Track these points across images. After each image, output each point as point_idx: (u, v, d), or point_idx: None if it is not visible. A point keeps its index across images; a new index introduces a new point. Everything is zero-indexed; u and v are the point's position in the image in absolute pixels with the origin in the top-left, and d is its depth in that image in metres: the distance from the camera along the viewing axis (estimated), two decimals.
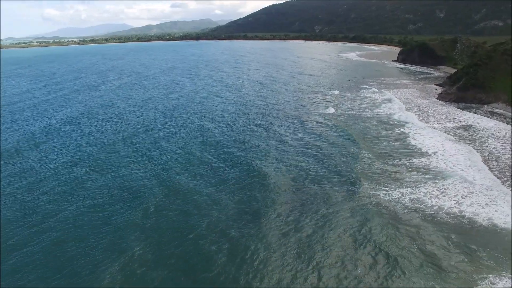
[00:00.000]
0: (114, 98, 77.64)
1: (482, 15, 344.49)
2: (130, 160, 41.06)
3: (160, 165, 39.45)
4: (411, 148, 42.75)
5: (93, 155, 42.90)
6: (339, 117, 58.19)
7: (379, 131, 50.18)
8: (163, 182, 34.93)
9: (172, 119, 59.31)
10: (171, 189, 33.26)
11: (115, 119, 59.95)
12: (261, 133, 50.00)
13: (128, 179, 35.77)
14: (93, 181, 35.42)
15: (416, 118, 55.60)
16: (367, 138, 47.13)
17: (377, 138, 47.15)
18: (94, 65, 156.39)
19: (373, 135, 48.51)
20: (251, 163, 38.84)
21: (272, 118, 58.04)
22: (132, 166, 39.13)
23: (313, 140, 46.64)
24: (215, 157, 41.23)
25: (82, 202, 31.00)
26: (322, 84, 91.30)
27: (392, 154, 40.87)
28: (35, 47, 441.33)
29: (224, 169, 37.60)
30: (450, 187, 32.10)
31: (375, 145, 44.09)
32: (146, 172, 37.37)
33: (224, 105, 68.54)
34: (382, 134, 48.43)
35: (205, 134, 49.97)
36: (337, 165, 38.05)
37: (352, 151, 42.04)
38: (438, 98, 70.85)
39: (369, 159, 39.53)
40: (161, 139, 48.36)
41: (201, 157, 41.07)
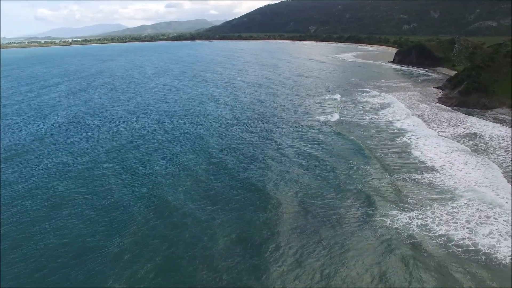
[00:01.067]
0: (102, 104, 72.77)
1: (476, 15, 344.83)
2: (116, 175, 37.12)
3: (146, 181, 35.53)
4: (414, 161, 39.18)
5: (75, 168, 38.80)
6: (340, 124, 54.28)
7: (379, 140, 46.61)
8: (147, 201, 31.08)
9: (163, 126, 55.08)
10: (155, 211, 29.41)
11: (102, 127, 55.48)
12: (259, 143, 46.15)
13: (111, 197, 31.91)
14: (71, 200, 31.49)
15: (418, 125, 52.13)
16: (368, 148, 43.52)
17: (378, 148, 43.58)
18: (83, 67, 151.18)
19: (372, 145, 44.93)
20: (248, 179, 35.05)
21: (270, 125, 54.14)
22: (117, 182, 35.26)
23: (314, 151, 42.85)
24: (207, 172, 37.23)
25: (54, 234, 26.82)
26: (320, 87, 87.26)
27: (394, 169, 37.21)
28: (26, 48, 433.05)
29: (217, 188, 33.64)
30: (462, 210, 28.39)
31: (376, 158, 40.46)
32: (131, 190, 33.52)
33: (218, 111, 64.39)
34: (381, 145, 44.83)
35: (198, 144, 45.85)
36: (340, 182, 34.21)
37: (354, 164, 38.36)
38: (438, 102, 67.57)
39: (370, 175, 35.88)
40: (150, 150, 44.24)
41: (192, 173, 37.03)
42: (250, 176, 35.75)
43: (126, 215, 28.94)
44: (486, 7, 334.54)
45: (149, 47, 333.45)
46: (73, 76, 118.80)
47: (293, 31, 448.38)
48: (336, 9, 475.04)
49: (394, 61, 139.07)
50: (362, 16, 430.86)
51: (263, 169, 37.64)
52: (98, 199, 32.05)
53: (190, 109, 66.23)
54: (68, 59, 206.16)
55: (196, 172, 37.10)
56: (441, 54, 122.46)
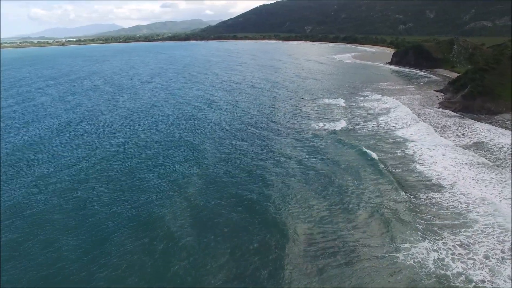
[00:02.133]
0: (90, 110, 66.95)
1: (471, 15, 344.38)
2: (97, 191, 33.02)
3: (129, 197, 31.50)
4: (420, 177, 35.32)
5: (56, 185, 34.52)
6: (345, 132, 50.06)
7: (382, 150, 42.73)
8: (128, 221, 27.17)
9: (154, 134, 50.37)
10: (136, 233, 25.74)
11: (88, 135, 50.56)
12: (257, 155, 41.88)
13: (89, 217, 27.90)
14: (50, 220, 27.36)
15: (421, 133, 48.33)
16: (374, 160, 39.62)
17: (382, 160, 39.66)
18: (73, 69, 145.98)
19: (378, 156, 41.00)
20: (246, 198, 31.04)
21: (270, 134, 49.74)
22: (97, 200, 31.21)
23: (319, 163, 38.76)
24: (199, 189, 32.96)
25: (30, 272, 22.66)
26: (319, 91, 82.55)
27: (398, 187, 33.30)
28: (18, 48, 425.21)
29: (211, 208, 29.48)
30: (479, 240, 24.50)
31: (381, 172, 36.56)
32: (112, 208, 29.57)
33: (213, 117, 59.40)
34: (385, 157, 40.94)
35: (193, 160, 40.94)
36: (348, 203, 30.23)
37: (362, 180, 34.52)
38: (440, 106, 63.95)
39: (377, 194, 31.98)
40: (138, 162, 39.92)
41: (182, 190, 32.79)
42: (248, 195, 31.68)
43: (105, 239, 25.12)
44: (481, 8, 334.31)
45: (143, 47, 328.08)
46: (62, 79, 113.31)
47: (288, 31, 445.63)
48: (331, 9, 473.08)
49: (392, 62, 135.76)
50: (358, 16, 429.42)
51: (263, 186, 33.61)
52: (77, 216, 28.42)
53: (182, 116, 61.20)
54: (60, 60, 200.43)
55: (187, 189, 32.92)
56: (440, 55, 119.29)
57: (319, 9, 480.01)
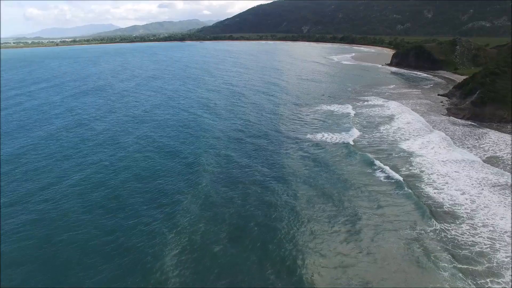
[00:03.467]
0: (68, 125, 57.73)
1: (469, 15, 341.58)
2: (78, 215, 28.34)
3: (114, 229, 26.70)
4: (428, 201, 30.24)
5: (29, 214, 29.41)
6: (359, 145, 45.32)
7: (381, 166, 37.71)
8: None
9: (142, 148, 44.55)
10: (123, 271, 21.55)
11: (67, 152, 44.35)
12: (264, 172, 36.66)
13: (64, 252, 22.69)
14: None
15: (429, 146, 43.25)
16: (381, 179, 34.62)
17: (374, 186, 34.66)
18: (55, 74, 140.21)
19: (363, 182, 36.03)
20: (251, 235, 26.06)
21: (277, 147, 44.24)
22: (81, 227, 26.89)
23: (331, 184, 33.98)
24: (198, 229, 27.27)
25: None
26: (320, 95, 76.72)
27: (402, 219, 28.22)
28: (11, 48, 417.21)
29: (209, 257, 23.96)
30: None
31: (377, 200, 31.58)
32: (98, 239, 24.47)
33: (213, 127, 53.79)
34: (385, 174, 35.90)
35: (186, 178, 35.87)
36: (353, 230, 25.46)
37: (377, 202, 29.54)
38: (448, 113, 58.99)
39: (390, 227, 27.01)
40: (126, 184, 34.66)
41: (178, 221, 27.71)
42: (248, 227, 26.83)
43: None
44: (479, 8, 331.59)
45: (135, 48, 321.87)
46: (43, 84, 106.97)
47: (285, 31, 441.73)
48: (329, 9, 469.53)
49: (392, 63, 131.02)
50: (355, 16, 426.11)
51: (265, 213, 28.72)
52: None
53: (176, 124, 55.86)
54: (48, 62, 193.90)
55: (182, 220, 27.93)
56: (442, 56, 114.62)
57: (316, 9, 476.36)
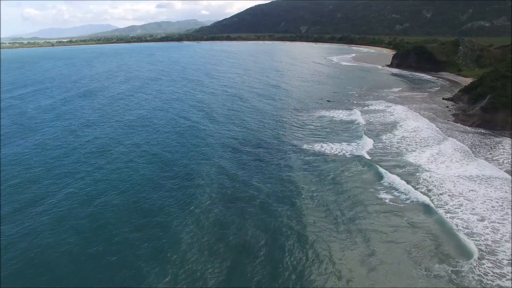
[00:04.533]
0: (51, 136, 51.84)
1: (468, 15, 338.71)
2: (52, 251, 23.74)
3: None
4: (437, 232, 26.08)
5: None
6: (364, 156, 40.99)
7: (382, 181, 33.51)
8: None
9: (135, 165, 39.38)
10: None
11: (40, 169, 39.31)
12: (269, 195, 32.15)
13: None
14: None
15: (438, 161, 38.91)
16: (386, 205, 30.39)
17: (376, 213, 30.42)
18: (46, 76, 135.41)
19: (368, 206, 31.81)
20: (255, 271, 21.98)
21: (282, 161, 39.70)
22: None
23: (344, 206, 29.95)
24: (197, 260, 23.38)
25: None
26: (320, 99, 72.54)
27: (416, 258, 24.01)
28: (6, 49, 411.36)
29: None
30: None
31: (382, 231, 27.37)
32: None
33: (212, 135, 49.52)
34: (380, 208, 31.63)
35: (182, 199, 31.70)
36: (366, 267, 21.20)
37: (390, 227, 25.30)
38: (455, 120, 54.83)
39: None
40: (105, 205, 30.31)
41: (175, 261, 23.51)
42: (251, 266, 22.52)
43: None
44: (478, 7, 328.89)
45: (132, 48, 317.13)
46: (34, 87, 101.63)
47: (284, 31, 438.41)
48: (327, 9, 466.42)
49: (392, 64, 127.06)
50: (354, 16, 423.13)
51: (271, 245, 24.67)
52: None
53: (171, 134, 51.13)
54: (42, 63, 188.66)
55: (170, 252, 23.74)
56: (444, 57, 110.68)
57: (314, 9, 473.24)
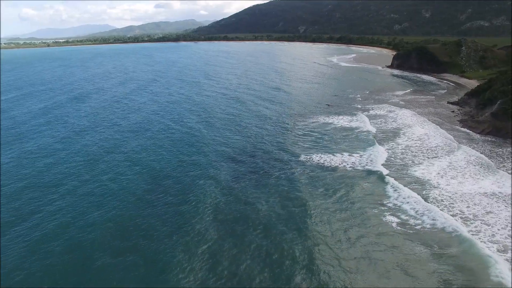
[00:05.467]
0: (36, 149, 46.58)
1: (467, 15, 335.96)
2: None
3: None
4: (448, 261, 22.21)
5: None
6: (376, 169, 37.09)
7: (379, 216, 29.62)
8: None
9: (117, 186, 34.74)
10: None
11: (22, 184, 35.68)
12: (274, 222, 28.36)
13: None
14: None
15: (448, 175, 34.98)
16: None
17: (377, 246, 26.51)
18: (33, 79, 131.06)
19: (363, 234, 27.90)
20: None
21: (289, 178, 35.58)
22: None
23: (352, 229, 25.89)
24: None
25: None
26: (330, 105, 67.55)
27: None
28: (2, 49, 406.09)
29: None
30: None
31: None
32: None
33: (209, 150, 44.98)
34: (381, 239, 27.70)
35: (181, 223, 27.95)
36: None
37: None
38: (463, 126, 50.98)
39: None
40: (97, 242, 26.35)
41: None
42: None
43: None
44: (478, 7, 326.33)
45: (128, 49, 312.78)
46: (20, 92, 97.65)
47: (282, 31, 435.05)
48: (325, 9, 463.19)
49: (393, 65, 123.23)
50: (352, 16, 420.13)
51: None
52: None
53: (165, 148, 46.93)
54: (35, 64, 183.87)
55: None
56: (446, 58, 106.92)
57: (313, 9, 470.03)
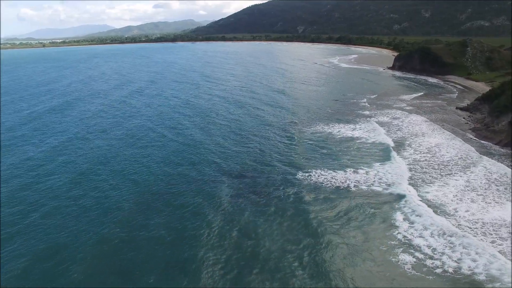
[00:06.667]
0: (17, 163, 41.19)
1: (467, 15, 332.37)
2: None
3: None
4: None
5: None
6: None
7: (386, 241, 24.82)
8: None
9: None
10: None
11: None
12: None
13: None
14: None
15: (468, 198, 30.19)
16: None
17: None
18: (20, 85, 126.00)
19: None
20: None
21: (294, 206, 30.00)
22: None
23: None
24: None
25: None
26: (337, 111, 61.86)
27: None
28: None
29: None
30: None
31: None
32: None
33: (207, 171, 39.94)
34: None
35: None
36: None
37: None
38: (476, 136, 46.25)
39: None
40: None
41: None
42: None
43: None
44: (478, 7, 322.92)
45: (124, 50, 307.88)
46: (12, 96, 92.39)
47: (281, 31, 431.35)
48: (325, 9, 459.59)
49: (394, 67, 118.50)
50: (351, 16, 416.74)
51: None
52: None
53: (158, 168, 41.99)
54: (24, 66, 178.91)
55: None
56: (451, 59, 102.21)
57: (312, 9, 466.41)
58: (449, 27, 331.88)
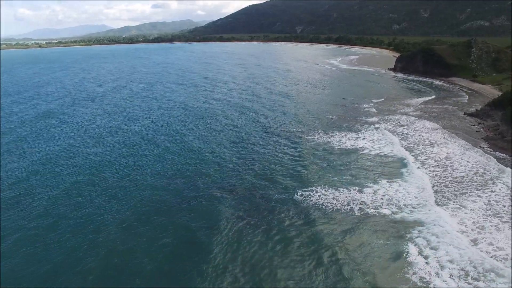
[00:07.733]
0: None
1: (467, 15, 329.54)
2: None
3: None
4: None
5: None
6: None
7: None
8: None
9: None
10: None
11: None
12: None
13: None
14: None
15: (489, 226, 26.19)
16: None
17: None
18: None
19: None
20: None
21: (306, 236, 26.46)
22: None
23: None
24: None
25: None
26: (344, 119, 56.57)
27: None
28: None
29: None
30: None
31: None
32: None
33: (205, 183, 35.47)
34: None
35: None
36: None
37: None
38: (490, 146, 42.27)
39: None
40: None
41: None
42: None
43: None
44: (477, 7, 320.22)
45: (120, 50, 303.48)
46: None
47: (279, 31, 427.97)
48: (323, 9, 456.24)
49: (396, 68, 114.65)
50: (350, 16, 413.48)
51: None
52: None
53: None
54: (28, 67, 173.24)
55: None
56: (455, 60, 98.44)
57: (310, 8, 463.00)
58: (448, 27, 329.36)
